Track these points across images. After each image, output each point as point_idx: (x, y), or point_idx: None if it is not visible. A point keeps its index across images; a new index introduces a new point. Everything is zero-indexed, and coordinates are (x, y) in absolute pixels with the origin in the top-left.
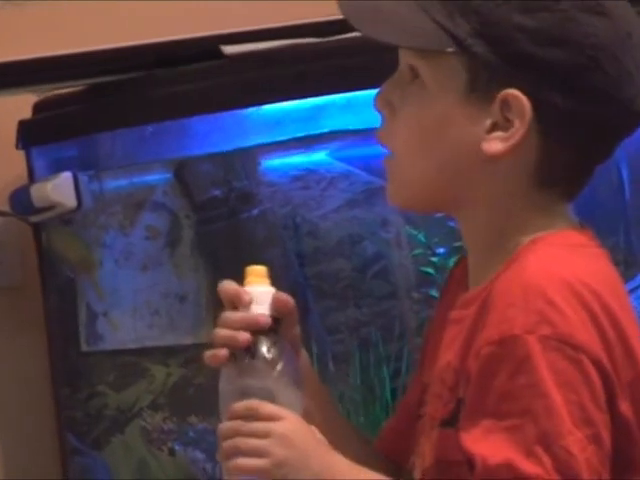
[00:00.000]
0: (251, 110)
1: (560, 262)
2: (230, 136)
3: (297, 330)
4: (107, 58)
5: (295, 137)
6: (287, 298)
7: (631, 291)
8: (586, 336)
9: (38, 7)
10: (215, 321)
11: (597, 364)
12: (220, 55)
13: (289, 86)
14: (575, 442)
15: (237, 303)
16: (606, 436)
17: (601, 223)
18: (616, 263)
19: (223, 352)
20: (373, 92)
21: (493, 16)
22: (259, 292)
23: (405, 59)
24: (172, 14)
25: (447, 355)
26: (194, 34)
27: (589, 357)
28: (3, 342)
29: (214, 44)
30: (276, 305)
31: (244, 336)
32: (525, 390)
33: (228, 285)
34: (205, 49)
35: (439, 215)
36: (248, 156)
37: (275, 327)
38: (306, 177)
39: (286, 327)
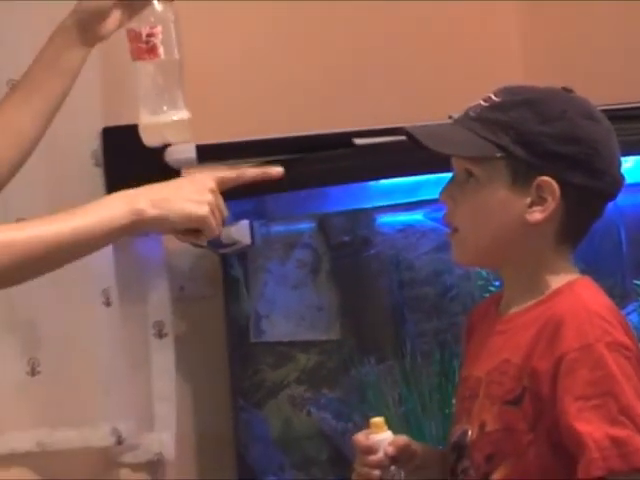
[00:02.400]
0: (371, 183)
1: (599, 296)
2: (356, 200)
3: (413, 448)
4: (275, 145)
5: (400, 202)
6: (400, 440)
7: (626, 315)
8: (628, 341)
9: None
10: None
11: (636, 358)
12: (352, 145)
13: (398, 167)
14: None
15: (368, 451)
16: None
17: (605, 268)
18: (614, 296)
19: None
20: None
21: (524, 128)
22: (381, 439)
23: (461, 165)
24: (320, 114)
25: (503, 354)
26: (335, 130)
27: (633, 354)
28: (197, 335)
29: (349, 137)
30: (393, 447)
31: (375, 474)
32: (603, 379)
33: (360, 437)
34: (343, 140)
35: None
36: (368, 214)
37: (396, 459)
38: (407, 230)
39: (406, 454)
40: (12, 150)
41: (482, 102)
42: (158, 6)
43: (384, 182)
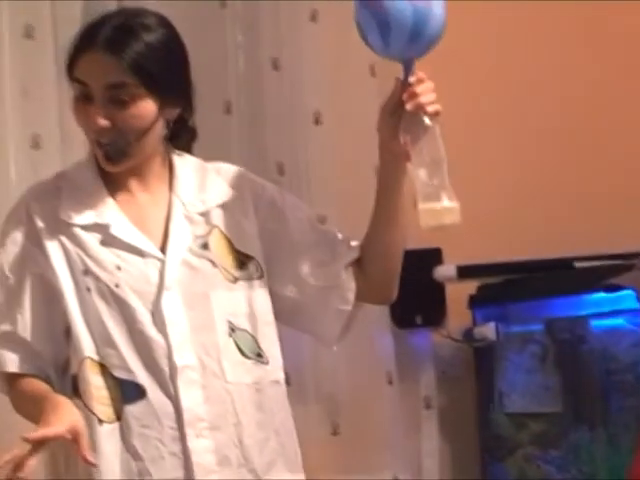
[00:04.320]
0: (586, 296)
1: None
2: (575, 308)
3: None
4: (515, 267)
5: (607, 310)
6: None
7: None
8: None
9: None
10: None
11: None
12: (573, 267)
13: (609, 282)
14: None
15: None
16: None
17: None
18: None
19: None
20: None
21: None
22: None
23: None
24: (549, 239)
25: None
26: (559, 255)
27: None
28: (455, 407)
29: (571, 261)
30: None
31: None
32: None
33: None
34: (563, 264)
35: None
36: (584, 319)
37: None
38: (612, 331)
39: None
40: None
41: None
42: (427, 121)
43: (595, 295)
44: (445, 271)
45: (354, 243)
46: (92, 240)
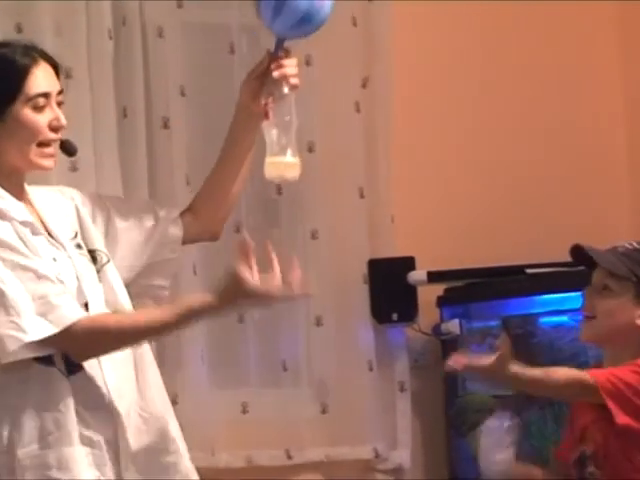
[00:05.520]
0: (536, 297)
1: None
2: (525, 307)
3: None
4: (475, 272)
5: (553, 309)
6: None
7: None
8: None
9: None
10: None
11: None
12: (524, 273)
13: (555, 285)
14: None
15: None
16: None
17: None
18: None
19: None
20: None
21: None
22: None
23: (602, 279)
24: (504, 247)
25: None
26: (513, 263)
27: None
28: (426, 391)
29: (523, 267)
30: None
31: None
32: None
33: None
34: (516, 270)
35: None
36: (534, 317)
37: None
38: (558, 327)
39: None
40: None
41: (627, 245)
42: (286, 89)
43: (544, 297)
44: (417, 276)
45: (173, 207)
46: (28, 233)
